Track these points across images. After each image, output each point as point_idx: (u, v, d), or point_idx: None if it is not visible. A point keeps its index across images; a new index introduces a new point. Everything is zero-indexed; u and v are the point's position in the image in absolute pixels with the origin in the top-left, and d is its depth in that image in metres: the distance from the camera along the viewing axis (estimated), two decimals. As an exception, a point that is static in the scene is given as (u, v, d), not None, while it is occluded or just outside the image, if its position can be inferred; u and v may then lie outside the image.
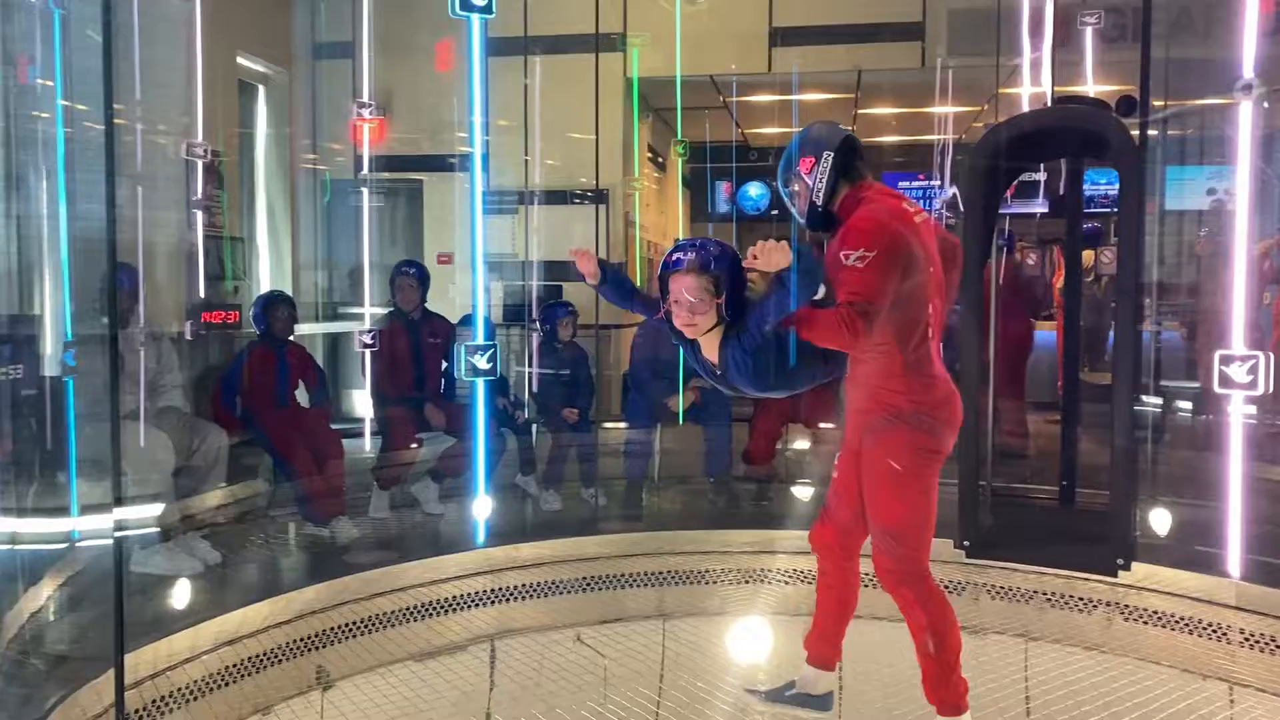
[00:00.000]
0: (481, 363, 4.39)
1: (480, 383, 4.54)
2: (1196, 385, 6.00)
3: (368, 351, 5.49)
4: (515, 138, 7.07)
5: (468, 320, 5.30)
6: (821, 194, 2.96)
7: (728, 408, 5.95)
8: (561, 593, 4.74)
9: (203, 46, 5.37)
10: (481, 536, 4.73)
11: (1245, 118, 4.08)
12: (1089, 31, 5.98)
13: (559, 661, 4.29)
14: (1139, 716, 3.63)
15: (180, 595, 4.14)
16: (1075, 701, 3.73)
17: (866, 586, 4.75)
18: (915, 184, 11.33)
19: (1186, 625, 4.11)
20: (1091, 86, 6.08)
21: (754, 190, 11.96)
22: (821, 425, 5.90)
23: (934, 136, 9.52)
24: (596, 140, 6.08)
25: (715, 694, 3.89)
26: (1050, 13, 5.42)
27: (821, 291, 2.94)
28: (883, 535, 2.98)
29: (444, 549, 4.83)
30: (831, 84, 9.01)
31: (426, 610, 4.46)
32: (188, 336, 5.02)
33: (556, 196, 7.96)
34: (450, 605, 4.54)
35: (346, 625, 4.18)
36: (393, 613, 4.36)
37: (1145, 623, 4.24)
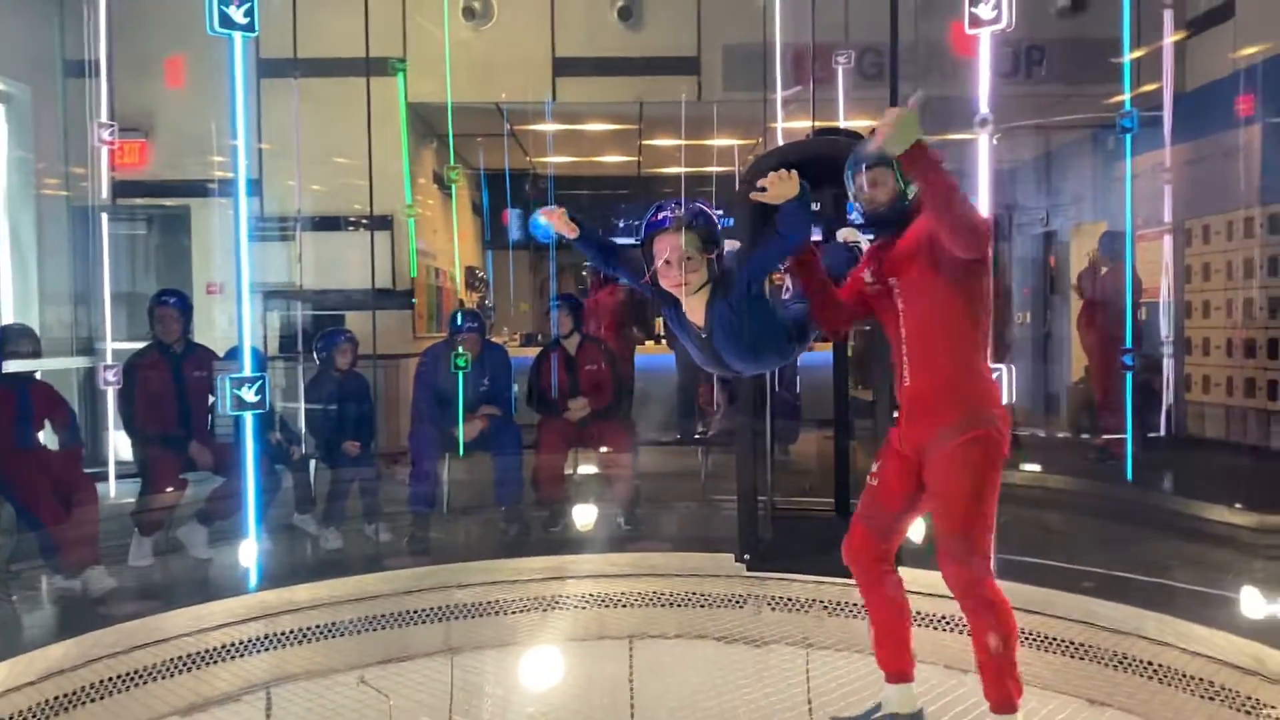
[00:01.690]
0: (248, 395, 4.15)
1: (249, 417, 4.30)
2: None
3: (111, 389, 5.11)
4: (292, 162, 6.82)
5: (236, 352, 5.03)
6: (909, 196, 2.99)
7: (517, 435, 5.91)
8: (342, 634, 4.53)
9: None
10: (254, 580, 4.46)
11: (983, 151, 4.44)
12: (841, 70, 6.44)
13: (339, 703, 4.10)
14: (908, 713, 3.80)
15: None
16: (852, 703, 3.88)
17: (638, 606, 4.85)
18: (698, 213, 11.70)
19: (948, 623, 4.37)
20: (844, 120, 6.48)
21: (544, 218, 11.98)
22: (605, 450, 5.96)
23: (714, 168, 9.89)
24: (370, 166, 5.93)
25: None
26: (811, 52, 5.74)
27: None
28: (955, 539, 2.96)
29: (213, 595, 4.54)
30: (616, 115, 9.19)
31: (193, 661, 4.16)
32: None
33: (334, 223, 7.72)
34: (220, 654, 4.25)
35: (101, 682, 3.84)
36: (155, 666, 4.04)
37: (914, 624, 4.47)
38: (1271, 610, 3.77)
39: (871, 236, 3.23)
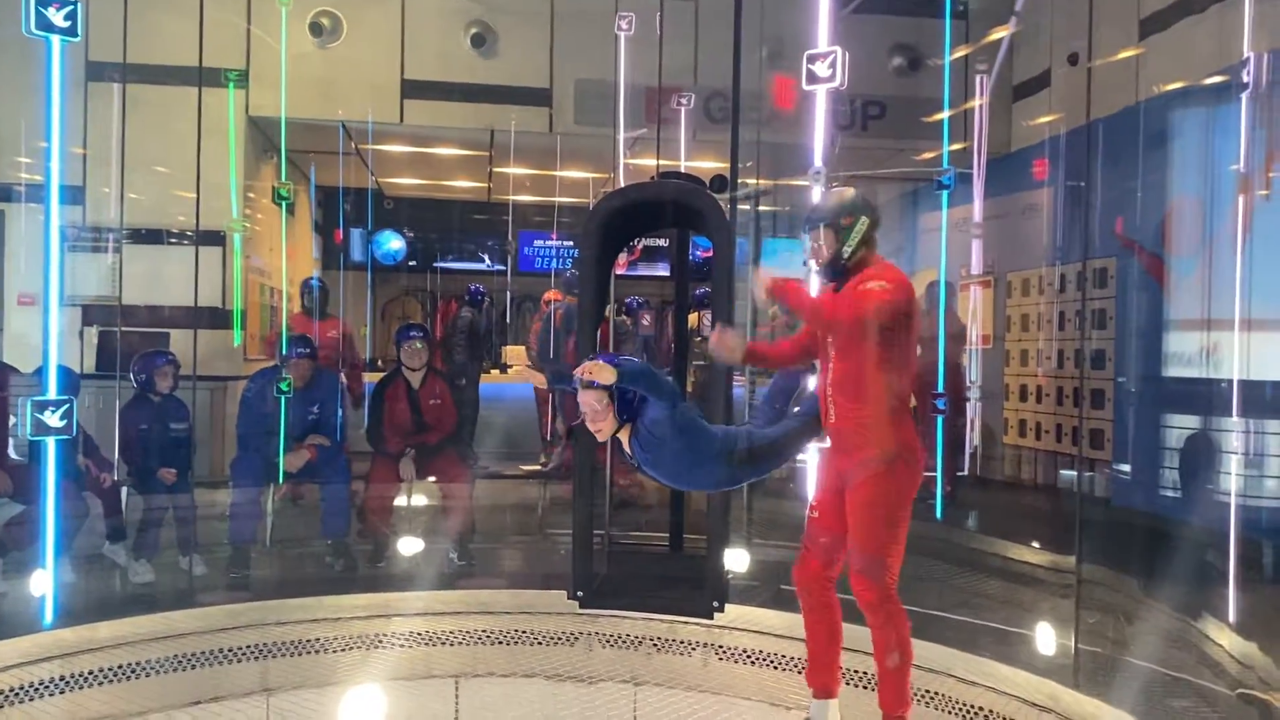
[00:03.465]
0: (52, 420, 3.89)
1: (51, 441, 4.01)
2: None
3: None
4: (120, 171, 6.47)
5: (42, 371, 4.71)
6: (849, 250, 3.34)
7: (345, 466, 5.74)
8: (148, 674, 4.28)
9: None
10: (50, 617, 4.15)
11: (816, 200, 4.59)
12: (684, 112, 6.59)
13: (141, 752, 3.87)
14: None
15: None
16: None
17: (466, 644, 4.79)
18: (549, 243, 11.72)
19: (771, 661, 4.47)
20: (686, 161, 6.62)
21: (395, 244, 11.75)
22: (436, 480, 5.85)
23: (566, 199, 9.93)
24: (199, 178, 5.67)
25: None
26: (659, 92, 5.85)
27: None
28: (869, 560, 3.26)
29: (3, 634, 4.21)
30: (465, 141, 9.10)
31: (-24, 706, 3.86)
32: None
33: (158, 235, 7.37)
34: (8, 698, 3.96)
35: None
36: (-72, 714, 3.73)
37: (737, 661, 4.56)
38: (1061, 647, 4.01)
39: None
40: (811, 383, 3.69)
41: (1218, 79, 5.07)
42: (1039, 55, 7.75)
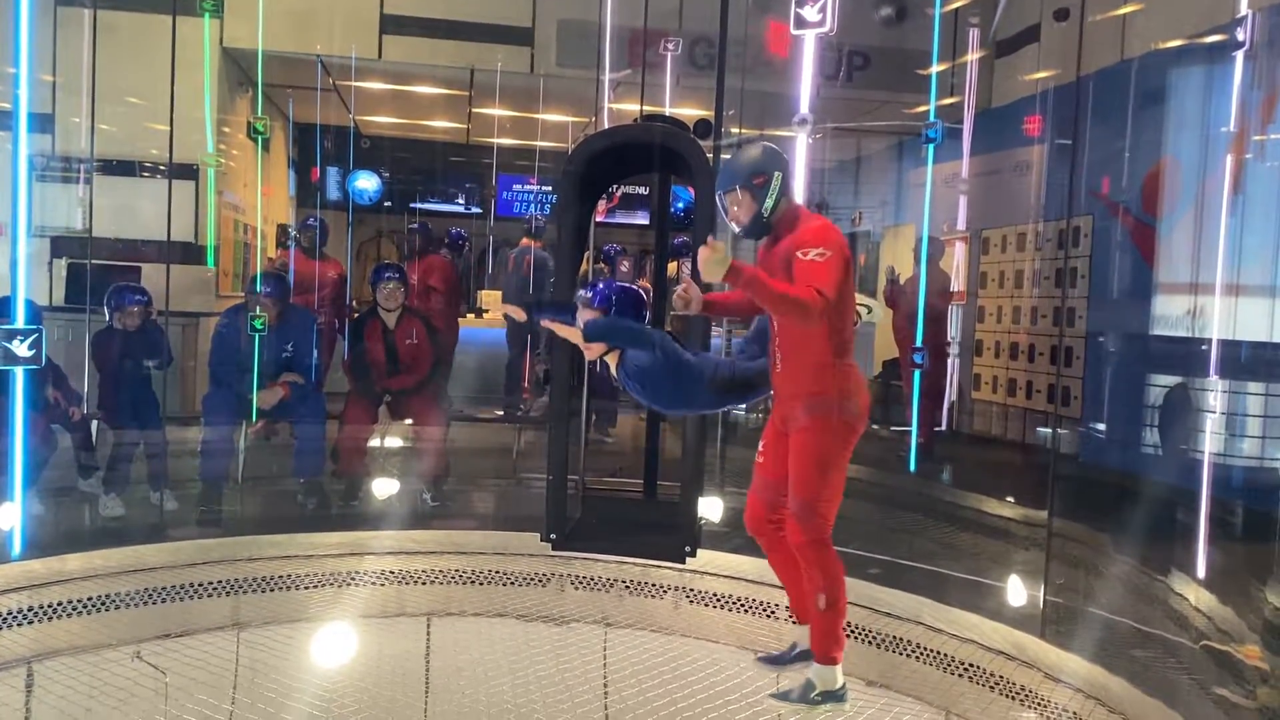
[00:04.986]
0: (20, 349, 3.82)
1: (19, 372, 3.95)
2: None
3: None
4: (91, 100, 6.32)
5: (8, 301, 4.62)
6: (769, 208, 3.32)
7: (320, 404, 5.70)
8: (117, 607, 4.27)
9: None
10: (18, 548, 4.12)
11: (801, 149, 4.58)
12: (669, 57, 6.50)
13: (110, 680, 3.86)
14: (700, 688, 3.91)
15: None
16: (644, 679, 3.96)
17: (439, 583, 4.80)
18: (527, 187, 11.59)
19: (741, 605, 4.52)
20: (670, 107, 6.55)
21: (370, 183, 11.55)
22: (412, 423, 5.83)
23: (547, 143, 9.81)
24: (172, 110, 5.53)
25: (290, 698, 3.69)
26: (644, 36, 5.75)
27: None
28: (800, 505, 3.28)
29: (-30, 564, 4.18)
30: (444, 79, 8.94)
31: (-57, 635, 3.83)
32: None
33: (130, 168, 7.21)
34: (-26, 628, 3.94)
35: None
36: (-105, 642, 3.70)
37: (707, 605, 4.61)
38: (1030, 598, 4.08)
39: None
40: None
41: (1216, 38, 5.03)
42: (1028, 9, 7.68)
